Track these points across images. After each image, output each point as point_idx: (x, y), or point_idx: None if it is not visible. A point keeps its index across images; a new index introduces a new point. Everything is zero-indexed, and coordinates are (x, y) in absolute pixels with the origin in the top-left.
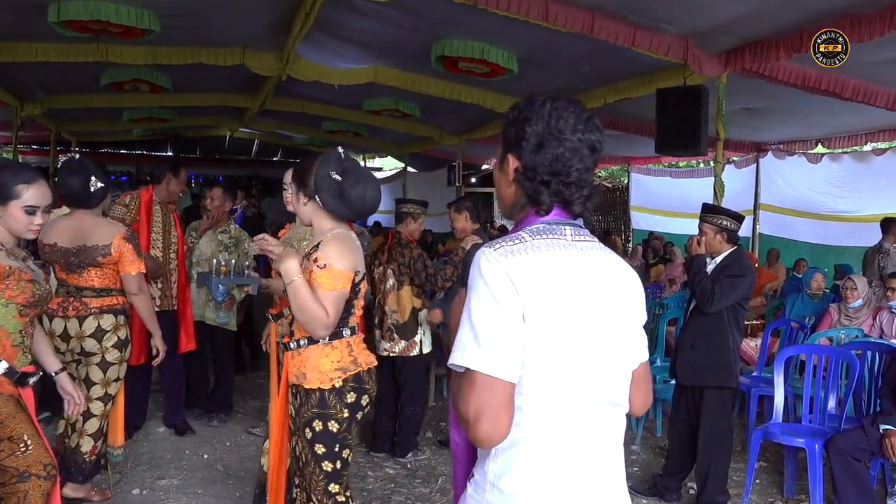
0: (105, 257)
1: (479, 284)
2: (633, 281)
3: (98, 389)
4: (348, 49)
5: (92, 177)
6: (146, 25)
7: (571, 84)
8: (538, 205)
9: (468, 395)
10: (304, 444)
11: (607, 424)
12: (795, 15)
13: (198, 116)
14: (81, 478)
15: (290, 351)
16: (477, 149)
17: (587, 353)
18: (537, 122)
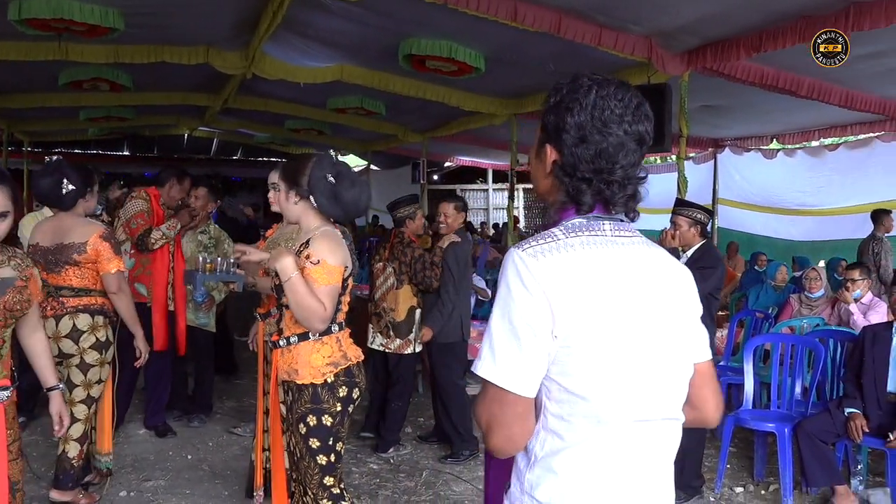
0: (81, 255)
1: (503, 289)
2: (683, 274)
3: (80, 392)
4: (315, 47)
5: (64, 179)
6: (110, 24)
7: (538, 83)
8: (579, 205)
9: (482, 405)
10: (299, 438)
11: (655, 439)
12: (755, 16)
13: (157, 115)
14: (71, 484)
15: (279, 348)
16: (441, 146)
17: (633, 360)
18: (580, 113)
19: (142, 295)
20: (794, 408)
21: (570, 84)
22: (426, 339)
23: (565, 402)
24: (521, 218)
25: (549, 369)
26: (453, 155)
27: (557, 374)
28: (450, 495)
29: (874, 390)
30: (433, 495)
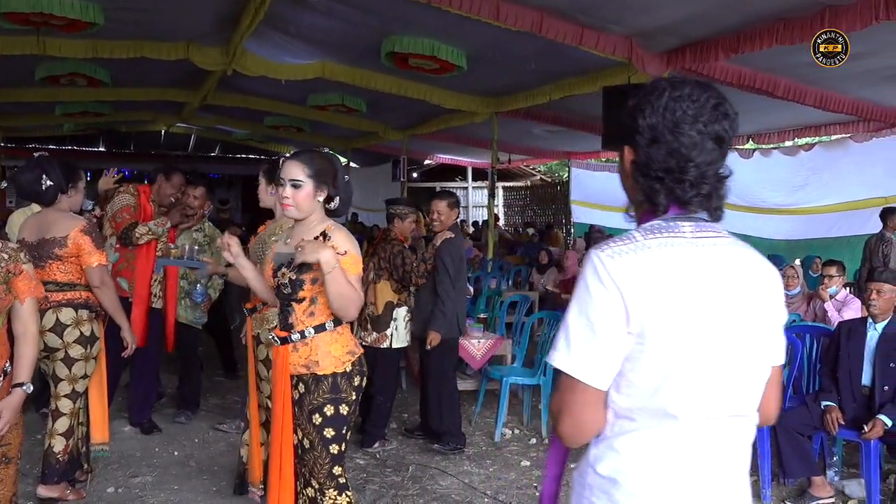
0: (62, 249)
1: (581, 287)
2: (768, 277)
3: (65, 386)
4: (297, 44)
5: (43, 175)
6: (90, 18)
7: (519, 81)
8: (654, 205)
9: (556, 394)
10: (312, 429)
11: (729, 436)
12: (733, 18)
13: (135, 111)
14: (56, 478)
15: (290, 343)
16: (421, 144)
17: (706, 359)
18: (652, 114)
19: (122, 289)
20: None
21: (648, 87)
22: (434, 344)
23: (634, 397)
24: (501, 216)
25: (624, 363)
26: (433, 153)
27: (629, 370)
28: (436, 489)
29: (849, 384)
30: (420, 489)
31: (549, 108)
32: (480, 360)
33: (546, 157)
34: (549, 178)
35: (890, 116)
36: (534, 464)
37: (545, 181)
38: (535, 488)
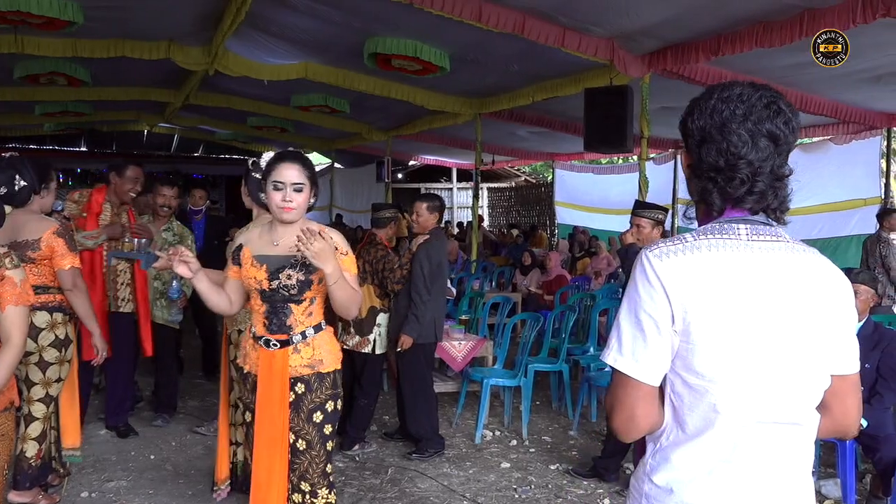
0: (35, 252)
1: (631, 286)
2: (833, 284)
3: (38, 390)
4: (279, 44)
5: (16, 175)
6: (69, 17)
7: (501, 82)
8: (708, 205)
9: (610, 391)
10: (311, 428)
11: (780, 443)
12: (712, 21)
13: (116, 111)
14: (28, 484)
15: (291, 345)
16: (405, 145)
17: (753, 363)
18: (700, 117)
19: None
20: None
21: (702, 94)
22: (406, 348)
23: (686, 397)
24: (486, 217)
25: (674, 363)
26: (417, 154)
27: (680, 369)
28: (415, 492)
29: None
30: (398, 492)
31: (533, 110)
32: (461, 361)
33: (530, 159)
34: (534, 179)
35: (869, 119)
36: (514, 465)
37: (530, 182)
38: (515, 490)
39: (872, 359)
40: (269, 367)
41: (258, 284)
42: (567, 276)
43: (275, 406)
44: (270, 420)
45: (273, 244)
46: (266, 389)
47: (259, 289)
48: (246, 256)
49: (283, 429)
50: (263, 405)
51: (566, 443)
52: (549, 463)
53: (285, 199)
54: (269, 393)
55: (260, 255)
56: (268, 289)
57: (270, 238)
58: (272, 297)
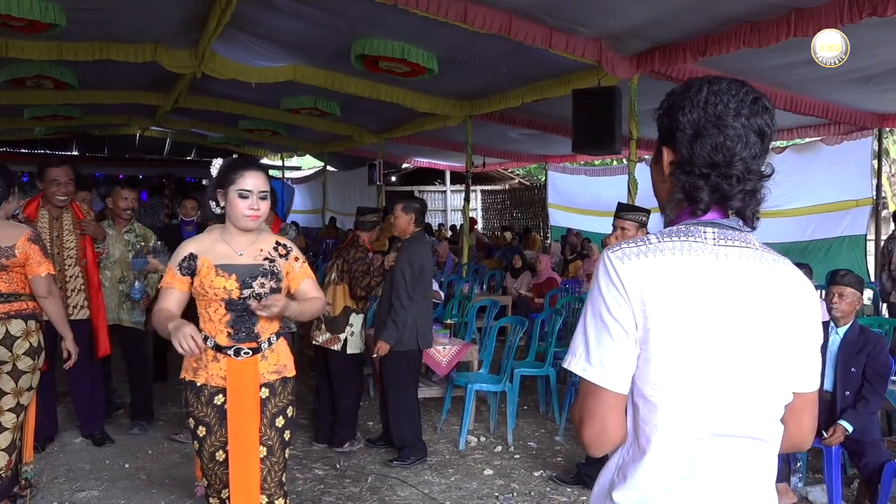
0: (9, 259)
1: (594, 288)
2: (801, 296)
3: (9, 400)
4: (266, 47)
5: None
6: (51, 19)
7: (490, 84)
8: (695, 202)
9: (577, 401)
10: (273, 433)
11: (740, 457)
12: (699, 21)
13: (106, 114)
14: (2, 499)
15: (262, 351)
16: (397, 147)
17: (711, 374)
18: (692, 110)
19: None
20: None
21: (683, 87)
22: (382, 353)
23: (641, 409)
24: (480, 219)
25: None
26: (410, 156)
27: (636, 379)
28: (394, 500)
29: None
30: (377, 500)
31: (523, 112)
32: (446, 366)
33: (523, 161)
34: (528, 181)
35: (860, 119)
36: (497, 472)
37: (524, 184)
38: (497, 498)
39: (858, 363)
40: (239, 376)
41: (226, 294)
42: (557, 279)
43: (249, 415)
44: (245, 429)
45: (237, 254)
46: (238, 399)
47: (226, 298)
48: (206, 266)
49: (256, 437)
50: (236, 415)
51: (552, 448)
52: (533, 469)
53: (252, 208)
54: (241, 402)
55: (225, 265)
56: (238, 298)
57: (230, 248)
58: (238, 306)
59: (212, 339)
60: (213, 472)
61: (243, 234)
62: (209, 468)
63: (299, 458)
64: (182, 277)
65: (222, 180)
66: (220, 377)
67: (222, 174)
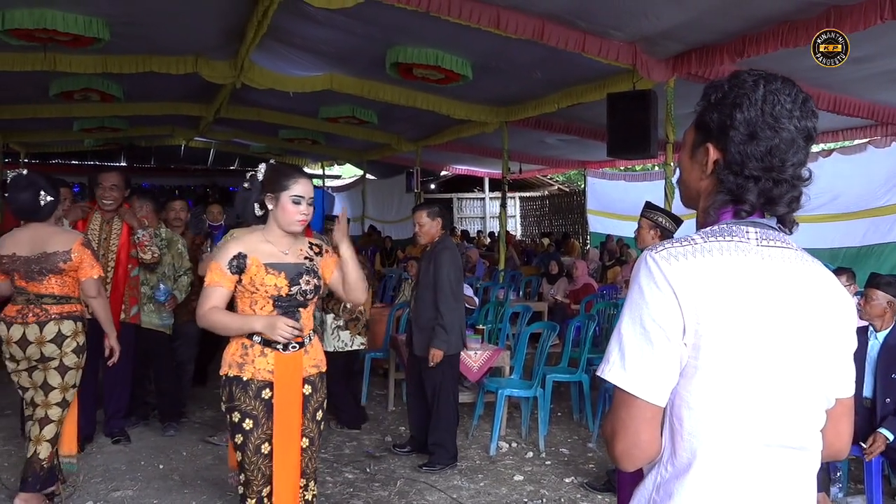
0: (66, 263)
1: (635, 291)
2: (839, 301)
3: (57, 394)
4: (303, 56)
5: (41, 191)
6: (94, 34)
7: (526, 89)
8: (742, 203)
9: (611, 411)
10: (314, 426)
11: (787, 469)
12: (735, 22)
13: (151, 126)
14: (39, 486)
15: (304, 346)
16: (435, 155)
17: (763, 381)
18: (749, 108)
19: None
20: None
21: (733, 80)
22: (437, 361)
23: (688, 420)
24: (518, 226)
25: (677, 382)
26: (448, 163)
27: (683, 388)
28: None
29: None
30: None
31: (560, 117)
32: (478, 371)
33: (561, 167)
34: (567, 187)
35: None
36: (527, 478)
37: (563, 191)
38: None
39: None
40: (286, 370)
41: (276, 291)
42: (594, 285)
43: (294, 407)
44: (290, 421)
45: (283, 253)
46: (285, 392)
47: (275, 295)
48: (255, 265)
49: (299, 428)
50: (283, 407)
51: (584, 455)
52: (564, 476)
53: (302, 213)
54: (287, 395)
55: (273, 264)
56: (286, 294)
57: (275, 248)
58: (285, 302)
59: (258, 334)
60: (255, 467)
61: (286, 235)
62: (252, 462)
63: (330, 462)
64: (230, 275)
65: (274, 185)
66: (268, 371)
67: (273, 179)
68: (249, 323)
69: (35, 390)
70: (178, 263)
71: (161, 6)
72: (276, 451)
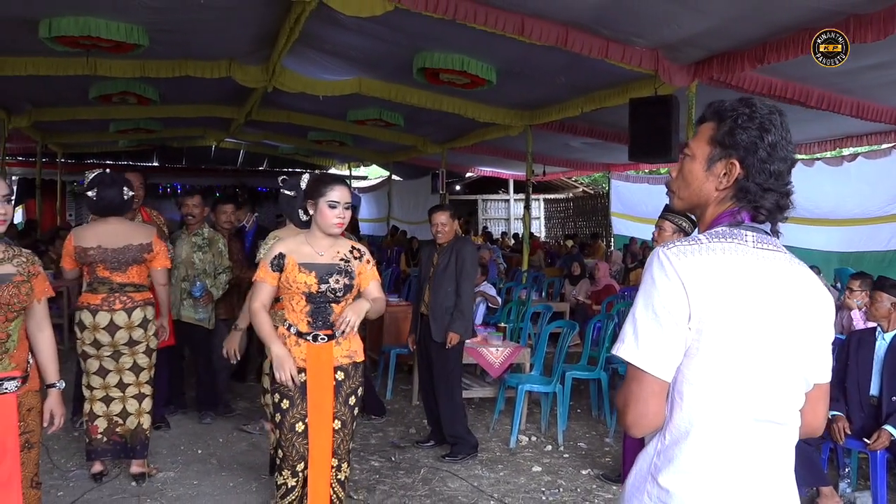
0: (149, 254)
1: (648, 282)
2: (821, 297)
3: (146, 374)
4: (333, 61)
5: (125, 187)
6: (135, 40)
7: (549, 94)
8: (757, 210)
9: (624, 385)
10: (347, 410)
11: (771, 442)
12: (756, 29)
13: (185, 127)
14: (146, 452)
15: (336, 338)
16: (460, 157)
17: (755, 364)
18: (774, 133)
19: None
20: None
21: (752, 106)
22: (454, 344)
23: (689, 395)
24: (543, 228)
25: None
26: (473, 165)
27: (686, 367)
28: (444, 491)
29: (857, 394)
30: (428, 491)
31: (583, 121)
32: (498, 367)
33: (586, 170)
34: (592, 189)
35: None
36: (545, 469)
37: (588, 193)
38: (543, 493)
39: None
40: (317, 358)
41: (306, 288)
42: (616, 286)
43: (325, 391)
44: (322, 403)
45: (318, 254)
46: (316, 377)
47: (307, 292)
48: (291, 264)
49: (331, 410)
50: (314, 391)
51: (601, 450)
52: (581, 468)
53: (339, 216)
54: (318, 380)
55: (306, 263)
56: (316, 292)
57: (313, 249)
58: (317, 298)
59: (294, 326)
60: (291, 444)
61: (326, 238)
62: (288, 439)
63: (357, 451)
64: (273, 273)
65: (314, 192)
66: (302, 359)
67: (313, 187)
68: (271, 342)
69: (122, 373)
70: (218, 262)
71: (198, 14)
72: (310, 429)
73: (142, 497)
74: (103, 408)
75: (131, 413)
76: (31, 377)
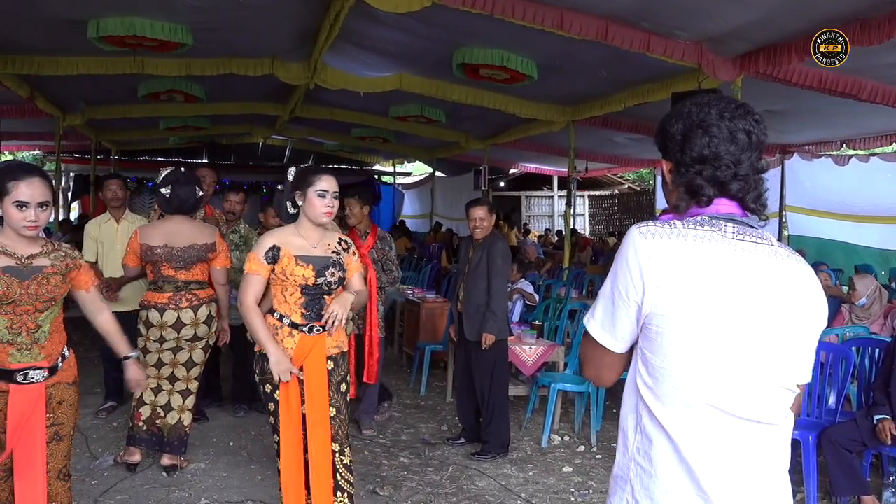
0: (213, 253)
1: (617, 258)
2: (809, 293)
3: (196, 370)
4: (373, 58)
5: (196, 186)
6: (179, 39)
7: (592, 88)
8: (698, 195)
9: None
10: (339, 397)
11: (746, 439)
12: (803, 21)
13: (231, 124)
14: (184, 448)
15: (328, 330)
16: (503, 153)
17: (721, 355)
18: (678, 121)
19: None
20: (825, 416)
21: (681, 107)
22: (490, 344)
23: (655, 379)
24: (587, 225)
25: (642, 345)
26: (516, 161)
27: (647, 350)
28: (471, 489)
29: None
30: (455, 489)
31: (627, 116)
32: (532, 366)
33: (631, 166)
34: (638, 186)
35: None
36: (576, 470)
37: (633, 189)
38: (573, 494)
39: None
40: (312, 349)
41: (304, 280)
42: None
43: (319, 380)
44: (317, 392)
45: (312, 247)
46: (311, 367)
47: (303, 284)
48: (287, 256)
49: (326, 397)
50: (309, 380)
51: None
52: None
53: (328, 205)
54: (313, 369)
55: (303, 256)
56: (313, 284)
57: (305, 241)
58: (312, 290)
59: (287, 317)
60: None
61: (316, 229)
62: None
63: (386, 447)
64: (266, 265)
65: (301, 183)
66: (291, 349)
67: (301, 178)
68: (268, 345)
69: (175, 367)
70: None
71: (240, 13)
72: (308, 416)
73: (171, 487)
74: (151, 396)
75: (174, 408)
76: (64, 369)
